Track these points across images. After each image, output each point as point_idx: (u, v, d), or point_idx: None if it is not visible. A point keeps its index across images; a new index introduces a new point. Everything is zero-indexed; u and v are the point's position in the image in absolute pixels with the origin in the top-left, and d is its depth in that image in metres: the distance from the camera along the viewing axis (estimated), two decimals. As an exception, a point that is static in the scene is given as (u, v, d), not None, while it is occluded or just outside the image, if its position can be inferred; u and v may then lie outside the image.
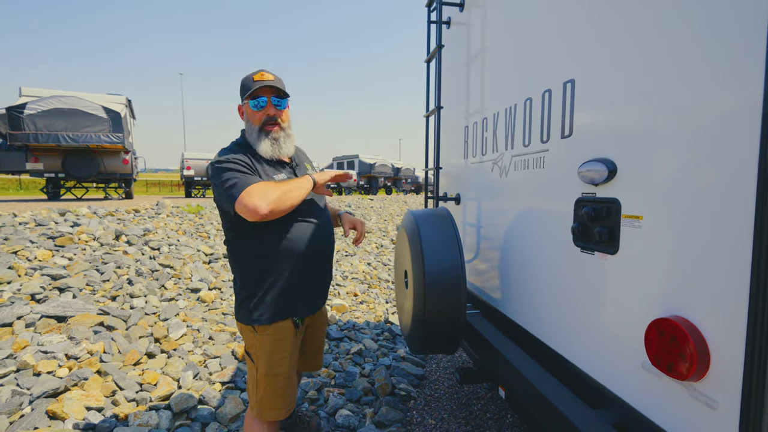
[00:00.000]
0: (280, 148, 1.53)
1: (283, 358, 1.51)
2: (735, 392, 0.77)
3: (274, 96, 1.51)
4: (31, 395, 1.92)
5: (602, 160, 1.12)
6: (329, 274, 1.71)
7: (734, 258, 0.77)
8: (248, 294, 1.50)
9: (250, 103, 1.49)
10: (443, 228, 1.79)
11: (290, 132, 1.58)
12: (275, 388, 1.50)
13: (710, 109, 0.83)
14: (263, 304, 1.48)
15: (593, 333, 1.19)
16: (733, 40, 0.78)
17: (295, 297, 1.53)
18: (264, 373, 1.49)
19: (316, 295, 1.64)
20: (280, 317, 1.50)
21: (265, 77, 1.48)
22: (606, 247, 1.11)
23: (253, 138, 1.51)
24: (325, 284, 1.70)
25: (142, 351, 2.52)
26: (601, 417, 1.10)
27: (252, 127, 1.52)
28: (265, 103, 1.49)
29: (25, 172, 9.37)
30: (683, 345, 0.84)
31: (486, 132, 1.98)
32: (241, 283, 1.52)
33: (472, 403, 2.54)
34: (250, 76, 1.50)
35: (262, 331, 1.49)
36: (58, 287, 2.93)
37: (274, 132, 1.51)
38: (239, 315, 1.53)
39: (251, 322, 1.49)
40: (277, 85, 1.49)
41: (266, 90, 1.49)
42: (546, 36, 1.45)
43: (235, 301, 1.57)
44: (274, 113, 1.51)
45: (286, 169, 1.57)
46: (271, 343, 1.49)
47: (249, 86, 1.49)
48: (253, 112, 1.51)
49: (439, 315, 1.67)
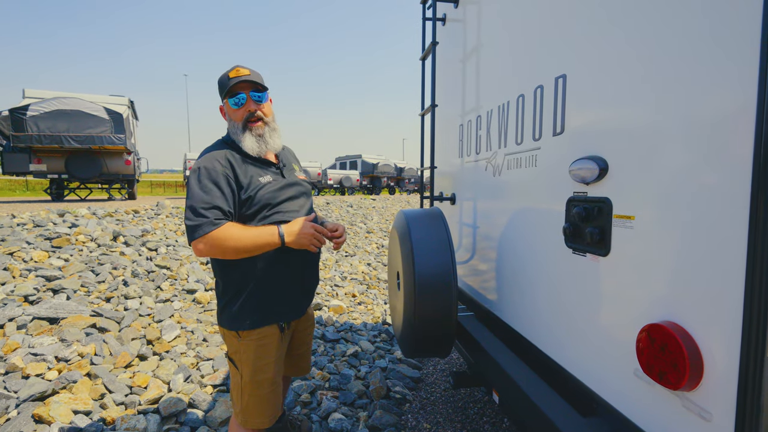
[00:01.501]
0: (266, 143, 1.48)
1: (268, 364, 1.46)
2: (729, 403, 0.72)
3: (253, 90, 1.46)
4: (18, 398, 1.90)
5: (593, 158, 1.07)
6: (315, 276, 1.66)
7: (729, 261, 0.72)
8: (231, 298, 1.45)
9: (229, 102, 1.45)
10: (435, 228, 1.75)
11: (275, 126, 1.53)
12: (260, 396, 1.46)
13: (704, 107, 0.78)
14: (247, 309, 1.43)
15: (585, 338, 1.14)
16: (727, 37, 0.73)
17: (280, 301, 1.49)
18: (248, 380, 1.45)
19: (301, 299, 1.59)
20: (265, 322, 1.46)
21: (241, 72, 1.44)
22: (597, 249, 1.07)
23: (238, 136, 1.46)
24: (310, 287, 1.64)
25: (134, 353, 2.50)
26: (591, 426, 1.06)
27: (235, 126, 1.47)
28: (244, 99, 1.45)
29: (28, 174, 9.43)
30: (675, 353, 0.80)
31: (480, 130, 1.93)
32: (223, 286, 1.47)
33: (468, 406, 2.50)
34: (226, 74, 1.46)
35: (246, 336, 1.44)
36: (52, 288, 2.92)
37: (258, 128, 1.47)
38: (222, 320, 1.48)
39: (235, 327, 1.44)
40: (254, 80, 1.44)
41: (243, 85, 1.44)
42: (539, 30, 1.41)
43: (217, 305, 1.52)
44: (255, 108, 1.46)
45: (271, 169, 1.52)
46: (256, 349, 1.44)
47: (226, 84, 1.44)
48: (233, 110, 1.46)
49: (429, 317, 1.63)
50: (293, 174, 1.61)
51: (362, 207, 11.60)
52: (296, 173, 1.63)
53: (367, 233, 8.36)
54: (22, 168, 9.18)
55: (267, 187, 1.45)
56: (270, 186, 1.46)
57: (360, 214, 10.30)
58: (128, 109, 10.01)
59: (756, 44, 0.67)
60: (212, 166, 1.37)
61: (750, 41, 0.69)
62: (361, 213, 10.56)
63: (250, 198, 1.41)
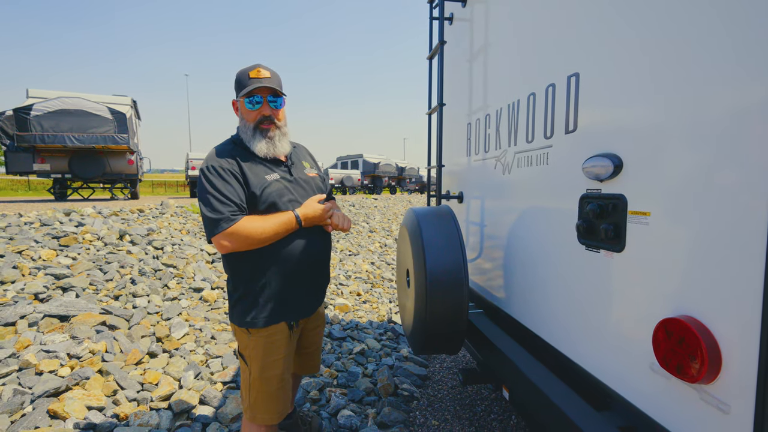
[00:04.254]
0: (275, 147, 1.49)
1: (277, 360, 1.48)
2: (749, 396, 0.73)
3: (271, 95, 1.46)
4: (33, 394, 1.92)
5: (607, 155, 1.08)
6: (326, 275, 1.66)
7: (746, 255, 0.74)
8: (241, 296, 1.47)
9: (245, 102, 1.45)
10: (445, 226, 1.76)
11: (286, 130, 1.54)
12: (268, 392, 1.48)
13: (722, 102, 0.79)
14: (257, 307, 1.45)
15: (599, 333, 1.15)
16: (744, 34, 0.74)
17: (290, 299, 1.50)
18: (257, 376, 1.46)
19: (311, 297, 1.60)
20: (275, 320, 1.47)
21: (262, 74, 1.43)
22: (612, 245, 1.08)
23: (248, 136, 1.47)
24: (321, 286, 1.65)
25: (144, 350, 2.51)
26: (607, 420, 1.07)
27: (246, 125, 1.48)
28: (260, 102, 1.45)
29: (32, 173, 9.45)
30: (693, 346, 0.81)
31: (489, 129, 1.94)
32: (234, 284, 1.49)
33: (475, 403, 2.51)
34: (246, 72, 1.44)
35: (256, 333, 1.46)
36: (61, 287, 2.94)
37: (270, 131, 1.48)
38: (233, 316, 1.50)
39: (245, 325, 1.46)
40: (273, 86, 1.44)
41: (263, 89, 1.44)
42: (550, 29, 1.42)
43: (228, 302, 1.54)
44: (269, 113, 1.47)
45: (281, 167, 1.53)
46: (265, 346, 1.46)
47: (244, 83, 1.44)
48: (247, 111, 1.46)
49: (440, 314, 1.64)
50: (303, 171, 1.61)
51: (364, 206, 11.62)
52: (307, 170, 1.63)
53: (369, 232, 8.38)
54: (26, 168, 9.19)
55: (274, 185, 1.45)
56: (277, 184, 1.47)
57: (362, 214, 10.32)
58: (131, 109, 10.02)
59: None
60: (220, 164, 1.39)
61: (766, 36, 0.70)
62: (363, 212, 10.57)
63: (257, 196, 1.42)
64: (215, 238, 1.33)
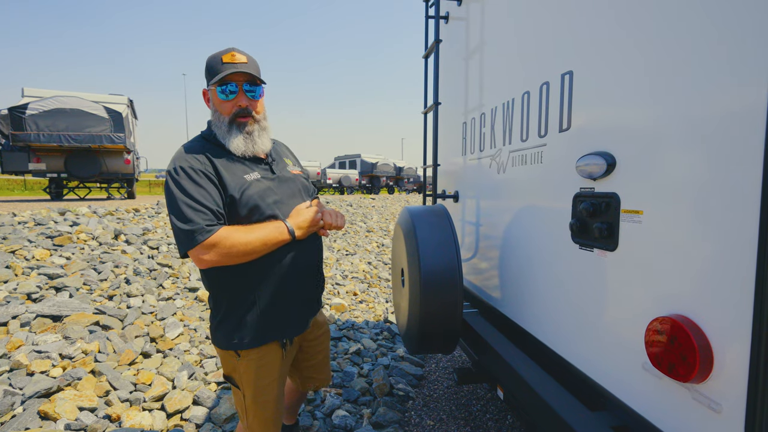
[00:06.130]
0: (254, 143, 1.29)
1: (271, 383, 1.34)
2: (740, 395, 0.73)
3: (247, 83, 1.26)
4: (24, 395, 1.90)
5: (601, 154, 1.08)
6: (320, 283, 1.50)
7: (738, 254, 0.73)
8: (226, 314, 1.29)
9: (217, 90, 1.25)
10: (440, 225, 1.76)
11: (266, 124, 1.35)
12: (264, 417, 1.35)
13: (714, 100, 0.79)
14: (245, 326, 1.27)
15: (592, 332, 1.15)
16: (737, 34, 0.74)
17: (281, 315, 1.33)
18: (252, 402, 1.33)
19: (304, 310, 1.43)
20: (266, 339, 1.31)
21: (236, 59, 1.23)
22: (605, 244, 1.07)
23: (223, 132, 1.27)
24: (313, 297, 1.48)
25: (138, 351, 2.50)
26: (600, 419, 1.06)
27: (221, 119, 1.28)
28: (236, 91, 1.25)
29: (27, 173, 9.40)
30: (685, 345, 0.80)
31: (484, 128, 1.94)
32: (216, 301, 1.31)
33: (471, 403, 2.51)
34: (219, 57, 1.24)
35: (246, 355, 1.30)
36: (54, 286, 2.91)
37: (248, 125, 1.28)
38: (216, 339, 1.32)
39: (231, 347, 1.28)
40: (250, 71, 1.24)
41: (237, 75, 1.24)
42: (544, 27, 1.41)
43: (210, 323, 1.35)
44: (246, 104, 1.27)
45: (261, 166, 1.33)
46: (257, 369, 1.30)
47: (216, 69, 1.24)
48: (221, 101, 1.26)
49: (435, 313, 1.63)
50: (285, 169, 1.42)
51: (362, 206, 11.60)
52: (290, 168, 1.45)
53: (367, 232, 8.37)
54: (22, 167, 9.14)
55: (255, 186, 1.27)
56: (259, 184, 1.28)
57: (360, 213, 10.30)
58: (128, 108, 9.98)
59: (766, 39, 0.68)
60: (190, 163, 1.19)
61: (761, 38, 0.69)
62: (360, 212, 10.56)
63: (236, 199, 1.22)
64: (192, 252, 1.14)
